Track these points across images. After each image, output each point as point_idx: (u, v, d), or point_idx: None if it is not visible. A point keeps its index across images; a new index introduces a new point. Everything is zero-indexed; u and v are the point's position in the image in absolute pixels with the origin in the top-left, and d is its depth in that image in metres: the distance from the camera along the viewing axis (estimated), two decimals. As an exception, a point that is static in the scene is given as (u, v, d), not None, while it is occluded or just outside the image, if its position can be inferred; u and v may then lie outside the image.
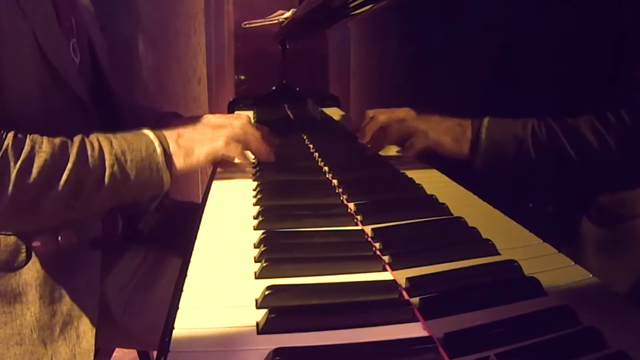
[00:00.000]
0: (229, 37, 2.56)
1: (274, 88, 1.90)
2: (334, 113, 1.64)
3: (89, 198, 0.66)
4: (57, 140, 0.64)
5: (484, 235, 0.56)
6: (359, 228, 0.61)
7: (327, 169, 0.87)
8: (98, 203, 0.68)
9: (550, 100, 0.77)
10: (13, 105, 0.65)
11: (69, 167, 0.63)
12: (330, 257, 0.53)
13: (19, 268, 0.69)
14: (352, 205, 0.68)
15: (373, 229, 0.60)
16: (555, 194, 0.76)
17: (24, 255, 0.69)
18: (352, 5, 1.24)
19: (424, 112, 0.86)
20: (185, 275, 0.49)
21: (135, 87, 1.71)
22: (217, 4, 2.42)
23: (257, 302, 0.44)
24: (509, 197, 0.68)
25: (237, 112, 1.55)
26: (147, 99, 1.72)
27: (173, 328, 0.41)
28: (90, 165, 0.65)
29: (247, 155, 0.83)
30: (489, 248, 0.53)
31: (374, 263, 0.51)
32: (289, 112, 1.66)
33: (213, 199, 0.72)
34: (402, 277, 0.48)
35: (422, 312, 0.43)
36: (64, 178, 0.62)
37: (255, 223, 0.62)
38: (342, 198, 0.71)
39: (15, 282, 0.69)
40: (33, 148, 0.61)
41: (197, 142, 0.75)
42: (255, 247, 0.56)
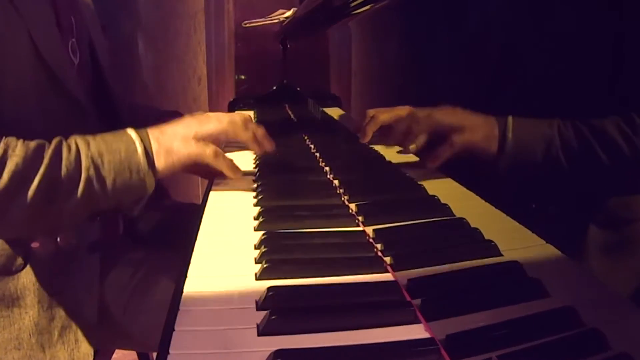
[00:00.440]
0: (230, 36, 2.55)
1: (275, 88, 1.90)
2: (335, 113, 1.64)
3: (65, 204, 0.62)
4: (32, 144, 0.61)
5: (487, 236, 0.56)
6: (360, 229, 0.61)
7: (328, 169, 0.86)
8: (76, 209, 0.64)
9: (551, 100, 0.76)
10: (8, 106, 0.64)
11: (41, 171, 0.60)
12: (332, 258, 0.52)
13: (17, 272, 0.69)
14: (353, 206, 0.67)
15: (374, 230, 0.59)
16: (561, 196, 0.75)
17: (22, 259, 0.69)
18: (353, 5, 1.24)
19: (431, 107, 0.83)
20: (185, 277, 0.49)
21: (135, 86, 1.71)
22: (217, 4, 2.42)
23: (257, 303, 0.44)
24: (512, 198, 0.68)
25: (237, 112, 1.54)
26: (147, 99, 1.72)
27: (173, 329, 0.40)
28: (65, 169, 0.62)
29: (236, 169, 0.77)
30: (492, 249, 0.53)
31: (376, 264, 0.51)
32: (290, 112, 1.66)
33: (213, 200, 0.72)
34: (403, 278, 0.48)
35: (423, 313, 0.42)
36: (36, 183, 0.60)
37: (256, 224, 0.62)
38: (343, 199, 0.71)
39: (14, 286, 0.69)
40: (6, 152, 0.59)
41: (178, 139, 0.69)
42: (256, 248, 0.55)
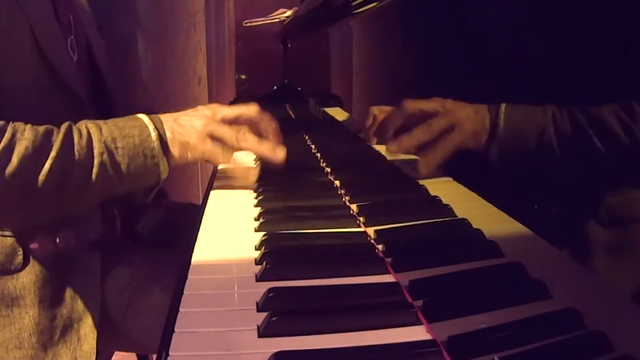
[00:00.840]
0: (230, 36, 2.55)
1: (276, 88, 1.90)
2: (336, 113, 1.63)
3: (78, 190, 0.62)
4: (41, 128, 0.60)
5: (489, 237, 0.56)
6: (362, 230, 0.61)
7: (329, 170, 0.86)
8: (89, 195, 0.64)
9: (557, 97, 0.76)
10: (9, 102, 0.64)
11: (52, 155, 0.59)
12: (332, 259, 0.52)
13: (17, 271, 0.68)
14: (354, 207, 0.67)
15: (376, 231, 0.59)
16: (562, 195, 0.74)
17: (21, 258, 0.68)
18: (354, 4, 1.24)
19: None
20: (186, 278, 0.48)
21: (135, 86, 1.70)
22: (217, 3, 2.41)
23: (258, 305, 0.44)
24: (514, 198, 0.67)
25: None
26: (146, 99, 1.72)
27: (173, 331, 0.40)
28: (77, 154, 0.61)
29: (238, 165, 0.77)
30: (493, 250, 0.53)
31: (377, 265, 0.51)
32: (291, 112, 1.66)
33: (214, 201, 0.72)
34: (405, 279, 0.47)
35: (425, 314, 0.42)
36: (47, 167, 0.58)
37: (257, 225, 0.61)
38: (344, 199, 0.71)
39: (13, 285, 0.68)
40: (14, 135, 0.58)
41: (194, 133, 0.68)
42: (256, 249, 0.55)
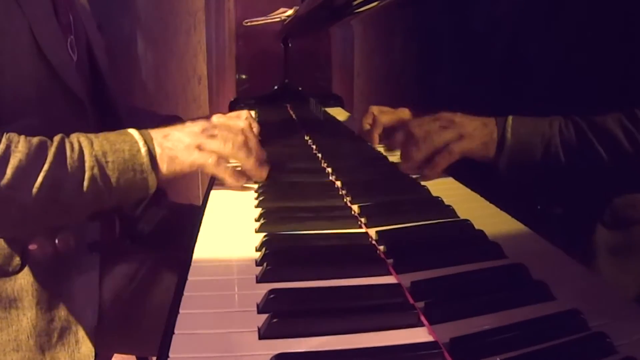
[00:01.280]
0: (230, 35, 2.54)
1: (276, 87, 1.89)
2: (337, 113, 1.63)
3: (69, 202, 0.62)
4: (35, 140, 0.61)
5: (491, 238, 0.56)
6: (363, 231, 0.60)
7: (330, 171, 0.86)
8: (80, 207, 0.65)
9: (555, 98, 0.76)
10: (8, 102, 0.63)
11: (45, 168, 0.60)
12: (334, 260, 0.52)
13: (14, 273, 0.68)
14: (355, 208, 0.67)
15: (377, 232, 0.59)
16: (567, 196, 0.74)
17: (19, 260, 0.68)
18: (355, 3, 1.24)
19: (425, 112, 0.82)
20: (185, 279, 0.48)
21: (135, 86, 1.70)
22: (217, 2, 2.41)
23: (258, 306, 0.44)
24: (517, 199, 0.67)
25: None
26: (146, 99, 1.72)
27: (173, 333, 0.40)
28: (69, 168, 0.62)
29: (239, 177, 0.75)
30: (496, 251, 0.53)
31: (378, 266, 0.50)
32: (292, 112, 1.66)
33: (214, 202, 0.71)
34: (407, 280, 0.47)
35: (427, 316, 0.42)
36: (40, 180, 0.59)
37: (257, 225, 0.61)
38: (345, 200, 0.70)
39: (10, 287, 0.68)
40: (8, 147, 0.58)
41: (182, 147, 0.69)
42: (257, 250, 0.55)
